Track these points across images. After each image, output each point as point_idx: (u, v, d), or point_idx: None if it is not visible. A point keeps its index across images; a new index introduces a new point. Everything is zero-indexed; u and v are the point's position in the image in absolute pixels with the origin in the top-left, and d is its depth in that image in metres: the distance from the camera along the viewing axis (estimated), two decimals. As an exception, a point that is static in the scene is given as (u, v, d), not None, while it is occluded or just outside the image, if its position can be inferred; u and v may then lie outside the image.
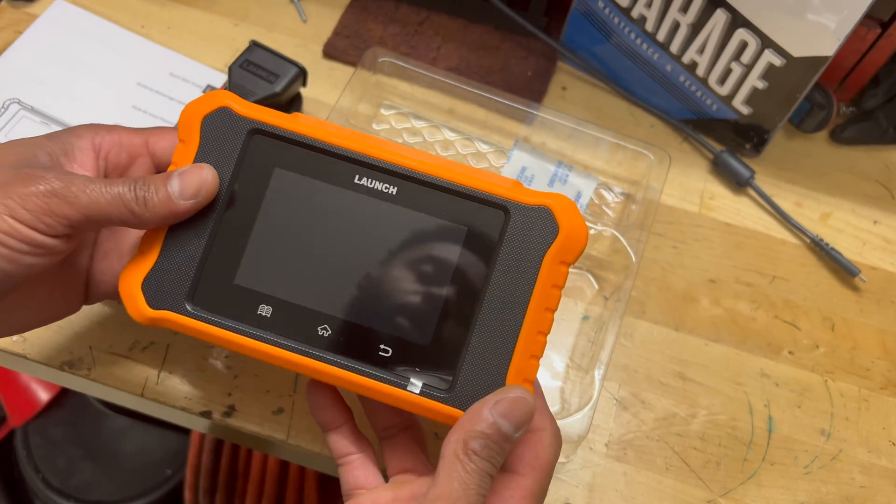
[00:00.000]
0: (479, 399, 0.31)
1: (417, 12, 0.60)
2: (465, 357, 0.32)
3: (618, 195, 0.53)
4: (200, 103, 0.34)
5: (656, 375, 0.47)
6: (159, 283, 0.33)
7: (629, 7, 0.54)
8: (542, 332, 0.33)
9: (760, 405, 0.47)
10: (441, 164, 0.34)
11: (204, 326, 0.33)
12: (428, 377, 0.33)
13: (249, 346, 0.33)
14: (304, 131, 0.34)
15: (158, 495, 0.92)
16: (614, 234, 0.48)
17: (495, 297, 0.33)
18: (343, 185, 0.34)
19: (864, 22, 0.51)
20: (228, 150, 0.34)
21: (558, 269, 0.33)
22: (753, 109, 0.53)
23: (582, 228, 0.33)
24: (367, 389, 0.33)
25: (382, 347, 0.33)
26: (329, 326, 0.33)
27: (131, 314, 0.33)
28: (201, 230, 0.34)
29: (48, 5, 0.57)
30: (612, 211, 0.53)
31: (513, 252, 0.33)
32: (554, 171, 0.52)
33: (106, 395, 0.47)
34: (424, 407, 0.32)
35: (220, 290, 0.33)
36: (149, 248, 0.34)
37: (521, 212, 0.33)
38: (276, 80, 0.50)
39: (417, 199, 0.34)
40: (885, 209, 0.56)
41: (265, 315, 0.33)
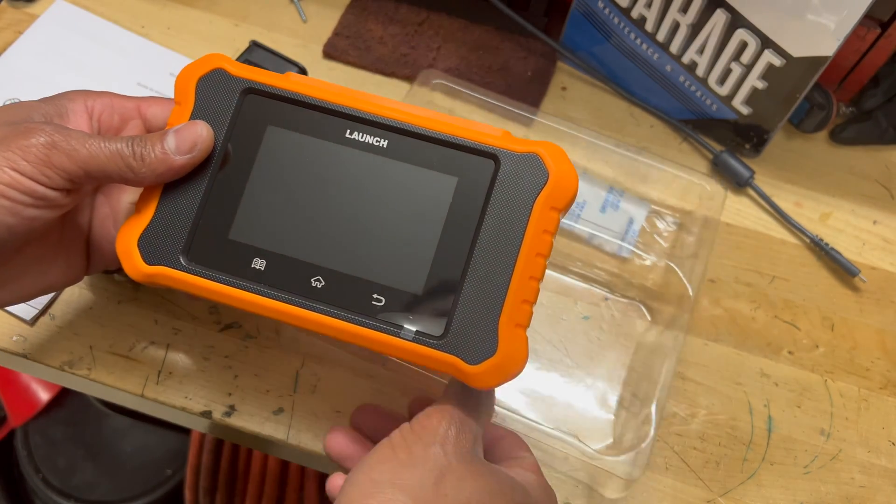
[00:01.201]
0: (472, 341, 0.32)
1: (417, 12, 0.60)
2: (457, 303, 0.33)
3: (670, 224, 0.52)
4: (195, 66, 0.35)
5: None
6: (155, 240, 0.34)
7: (629, 7, 0.54)
8: (534, 277, 0.33)
9: (760, 405, 0.47)
10: (431, 115, 0.34)
11: (199, 280, 0.34)
12: (421, 324, 0.33)
13: (244, 298, 0.33)
14: (296, 88, 0.35)
15: (158, 495, 0.92)
16: (668, 265, 0.48)
17: (486, 243, 0.33)
18: (334, 140, 0.34)
19: (864, 22, 0.51)
20: (223, 109, 0.35)
21: (549, 215, 0.33)
22: (753, 109, 0.53)
23: (571, 173, 0.33)
24: (360, 338, 0.33)
25: (375, 297, 0.33)
26: (322, 278, 0.34)
27: (127, 271, 0.34)
28: (196, 187, 0.34)
29: (48, 5, 0.57)
30: (664, 241, 0.52)
31: (503, 199, 0.33)
32: (605, 197, 0.52)
33: (106, 395, 0.47)
34: (418, 353, 0.32)
35: (214, 245, 0.34)
36: (145, 207, 0.34)
37: (510, 160, 0.33)
38: None
39: (408, 151, 0.34)
40: (885, 209, 0.56)
41: (259, 268, 0.34)
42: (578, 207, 0.52)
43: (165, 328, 0.46)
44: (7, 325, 0.45)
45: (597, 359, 0.47)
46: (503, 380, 0.33)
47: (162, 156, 0.33)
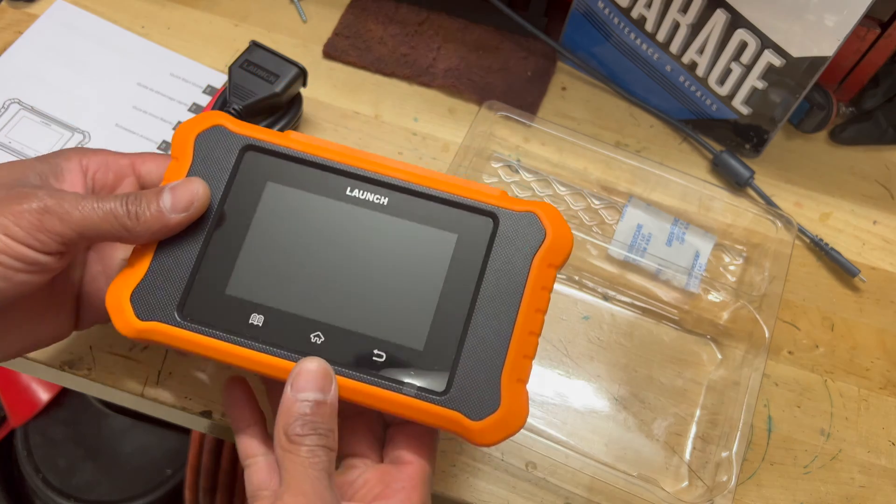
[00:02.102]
0: (474, 397, 0.32)
1: (417, 12, 0.60)
2: (459, 359, 0.33)
3: (736, 257, 0.52)
4: (194, 122, 0.35)
5: (656, 375, 0.47)
6: (149, 295, 0.33)
7: (629, 7, 0.54)
8: (533, 333, 0.33)
9: (760, 405, 0.47)
10: (430, 175, 0.35)
11: (195, 337, 0.33)
12: (423, 380, 0.33)
13: (242, 355, 0.33)
14: (296, 146, 0.35)
15: (158, 495, 0.92)
16: (742, 303, 0.47)
17: (487, 299, 0.33)
18: (335, 197, 0.35)
19: (864, 22, 0.51)
20: (221, 165, 0.35)
21: (547, 272, 0.34)
22: (753, 109, 0.53)
23: (567, 233, 0.34)
24: (362, 395, 0.33)
25: (376, 353, 0.33)
26: (322, 333, 0.33)
27: (118, 327, 0.33)
28: (193, 242, 0.34)
29: (48, 5, 0.57)
30: (731, 274, 0.51)
31: (502, 256, 0.34)
32: (671, 230, 0.51)
33: (106, 395, 0.47)
34: (420, 409, 0.32)
35: (211, 300, 0.33)
36: (138, 261, 0.33)
37: (508, 218, 0.34)
38: (277, 80, 0.49)
39: (408, 209, 0.35)
40: (885, 209, 0.56)
41: (257, 324, 0.33)
42: (644, 241, 0.51)
43: (165, 328, 0.46)
44: (7, 325, 0.45)
45: (666, 397, 0.47)
46: (505, 436, 0.33)
47: (157, 214, 0.33)
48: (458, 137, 0.55)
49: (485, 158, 0.54)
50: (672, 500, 0.41)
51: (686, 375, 0.48)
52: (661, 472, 0.44)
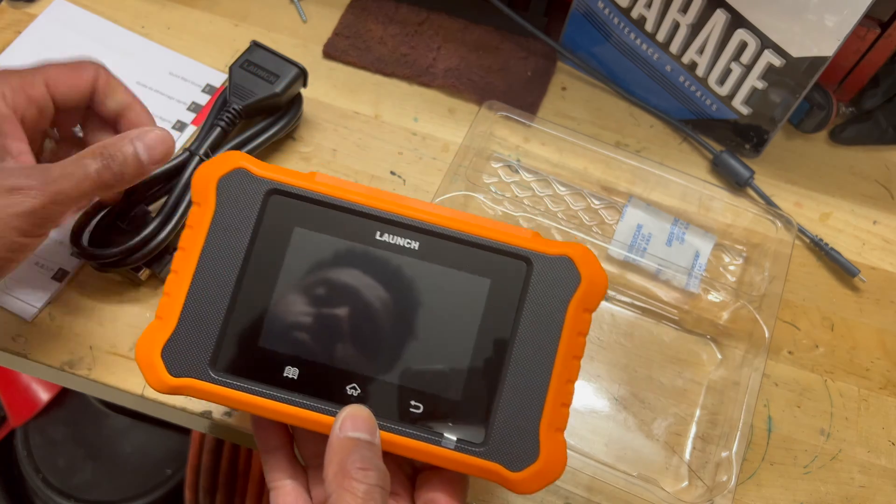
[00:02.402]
0: (514, 447, 0.32)
1: (417, 12, 0.60)
2: (497, 409, 0.32)
3: (736, 257, 0.52)
4: (214, 165, 0.34)
5: (656, 375, 0.47)
6: (180, 350, 0.32)
7: (629, 7, 0.54)
8: (570, 380, 0.33)
9: (760, 405, 0.47)
10: (461, 217, 0.34)
11: (230, 392, 0.32)
12: (461, 431, 0.32)
13: (278, 410, 0.32)
14: (323, 190, 0.34)
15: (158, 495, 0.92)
16: (742, 304, 0.47)
17: (523, 347, 0.33)
18: (365, 242, 0.34)
19: (864, 22, 0.51)
20: (246, 211, 0.33)
21: (582, 317, 0.33)
22: (753, 109, 0.53)
23: (602, 276, 0.33)
24: (400, 447, 0.32)
25: (413, 403, 0.33)
26: (358, 385, 0.33)
27: (151, 384, 0.33)
28: (222, 293, 0.33)
29: (48, 5, 0.57)
30: (731, 275, 0.51)
31: (537, 302, 0.33)
32: (670, 230, 0.51)
33: (106, 395, 0.47)
34: (460, 462, 0.32)
35: (244, 353, 0.33)
36: (167, 314, 0.33)
37: (542, 262, 0.33)
38: (277, 80, 0.49)
39: (440, 253, 0.34)
40: (885, 209, 0.56)
41: (292, 377, 0.33)
42: (644, 241, 0.51)
43: (165, 328, 0.46)
44: (7, 325, 0.45)
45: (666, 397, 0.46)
46: (545, 485, 0.32)
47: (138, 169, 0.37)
48: (458, 137, 0.55)
49: (485, 158, 0.54)
50: (672, 500, 0.41)
51: (686, 375, 0.47)
52: (661, 472, 0.44)
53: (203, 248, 0.33)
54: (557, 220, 0.49)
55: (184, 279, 0.33)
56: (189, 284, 0.33)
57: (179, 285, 0.33)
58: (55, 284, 0.46)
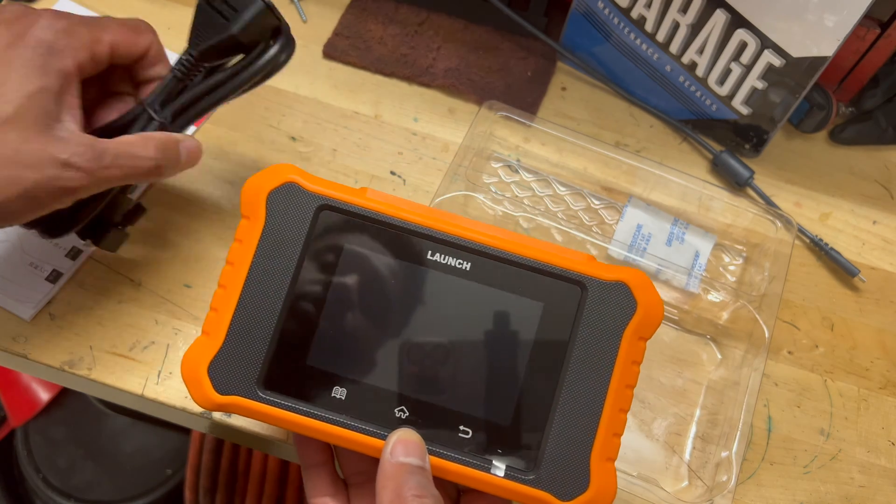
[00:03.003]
0: (564, 476, 0.31)
1: (417, 12, 0.60)
2: (547, 437, 0.32)
3: (735, 257, 0.52)
4: (265, 178, 0.33)
5: (656, 375, 0.47)
6: (227, 367, 0.32)
7: (629, 7, 0.54)
8: (623, 410, 0.32)
9: (760, 405, 0.47)
10: (514, 238, 0.33)
11: (276, 412, 0.32)
12: (511, 459, 0.32)
13: (325, 430, 0.32)
14: (374, 207, 0.33)
15: (158, 495, 0.92)
16: (742, 304, 0.47)
17: (575, 374, 0.32)
18: (416, 262, 0.33)
19: (864, 22, 0.51)
20: (297, 227, 0.33)
21: (637, 346, 0.33)
22: (753, 109, 0.53)
23: (659, 305, 0.33)
24: (449, 473, 0.32)
25: (462, 429, 0.32)
26: (406, 408, 0.32)
27: (197, 400, 0.32)
28: (270, 310, 0.33)
29: (49, 5, 0.57)
30: (731, 274, 0.51)
31: (591, 328, 0.32)
32: (670, 230, 0.51)
33: (106, 395, 0.47)
34: (509, 490, 0.32)
35: (291, 372, 0.32)
36: (214, 330, 0.32)
37: (598, 287, 0.33)
38: (235, 16, 0.40)
39: (492, 275, 0.33)
40: (885, 209, 0.56)
41: (340, 398, 0.32)
42: (644, 241, 0.51)
43: (165, 328, 0.46)
44: (7, 325, 0.45)
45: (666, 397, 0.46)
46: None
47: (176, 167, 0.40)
48: (458, 137, 0.55)
49: (485, 158, 0.54)
50: (672, 500, 0.41)
51: (686, 375, 0.48)
52: (661, 472, 0.44)
53: (252, 263, 0.33)
54: (557, 220, 0.49)
55: (232, 295, 0.33)
56: (237, 300, 0.32)
57: (227, 301, 0.33)
58: (48, 286, 0.46)
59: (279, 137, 0.54)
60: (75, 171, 0.35)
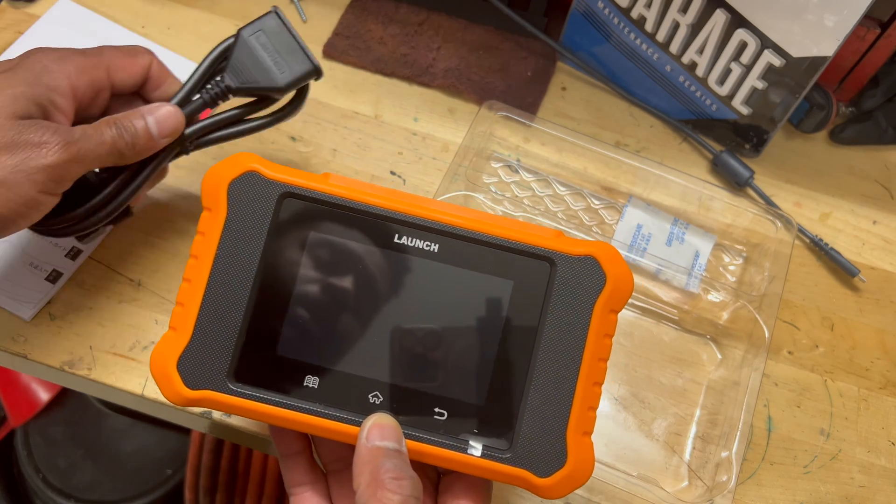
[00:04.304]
0: (541, 453, 0.31)
1: (417, 12, 0.60)
2: (523, 414, 0.32)
3: (735, 257, 0.52)
4: (224, 168, 0.33)
5: (656, 375, 0.47)
6: (196, 361, 0.32)
7: (629, 7, 0.54)
8: (597, 383, 0.32)
9: (760, 405, 0.47)
10: (481, 218, 0.33)
11: (248, 404, 0.32)
12: (487, 438, 0.32)
13: (299, 420, 0.32)
14: (338, 192, 0.33)
15: (158, 495, 0.92)
16: (742, 304, 0.47)
17: (548, 350, 0.32)
18: (383, 246, 0.33)
19: (864, 22, 0.51)
20: (260, 216, 0.33)
21: (608, 318, 0.33)
22: (753, 109, 0.53)
23: (628, 276, 0.33)
24: (426, 455, 0.32)
25: (437, 410, 0.32)
26: (380, 393, 0.32)
27: (167, 396, 0.32)
28: (237, 301, 0.32)
29: (49, 5, 0.57)
30: (731, 274, 0.51)
31: (562, 303, 0.32)
32: (670, 230, 0.51)
33: (106, 395, 0.47)
34: (487, 469, 0.32)
35: (262, 363, 0.32)
36: (180, 324, 0.32)
37: (566, 262, 0.32)
38: (284, 70, 0.42)
39: (460, 255, 0.33)
40: (885, 209, 0.56)
41: (312, 386, 0.32)
42: (644, 241, 0.51)
43: (165, 328, 0.46)
44: (7, 325, 0.45)
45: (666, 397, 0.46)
46: (573, 489, 0.32)
47: (149, 142, 0.39)
48: (458, 137, 0.55)
49: (485, 158, 0.54)
50: (672, 500, 0.41)
51: (686, 375, 0.48)
52: (661, 472, 0.44)
53: (216, 255, 0.32)
54: (557, 220, 0.49)
55: (197, 288, 0.32)
56: (203, 294, 0.32)
57: (193, 295, 0.32)
58: (48, 286, 0.46)
59: (279, 137, 0.54)
60: (48, 148, 0.36)
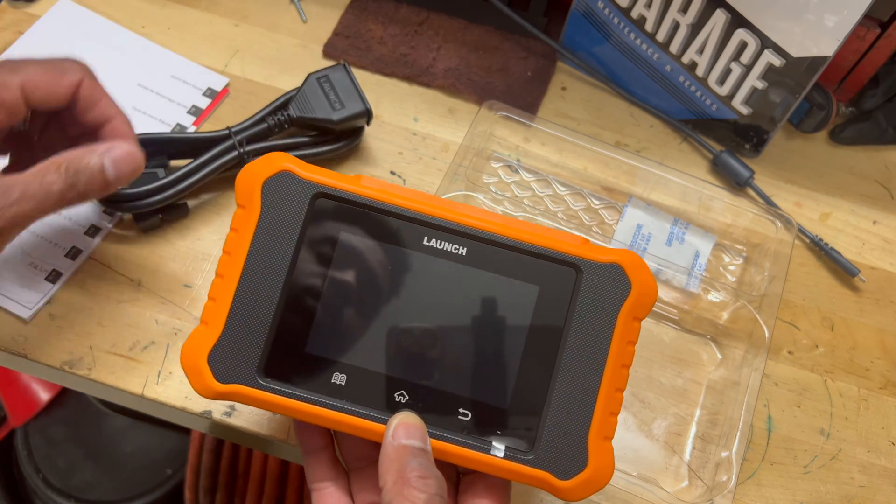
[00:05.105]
0: (562, 456, 0.32)
1: (417, 12, 0.60)
2: (546, 417, 0.32)
3: (735, 257, 0.52)
4: (260, 167, 0.33)
5: (656, 375, 0.47)
6: (226, 356, 0.32)
7: (629, 7, 0.54)
8: (619, 389, 0.33)
9: (760, 405, 0.47)
10: (509, 223, 0.34)
11: (277, 399, 0.32)
12: (510, 439, 0.32)
13: (326, 416, 0.32)
14: (369, 193, 0.33)
15: (158, 495, 0.93)
16: (742, 304, 0.47)
17: (572, 355, 0.33)
18: (412, 248, 0.33)
19: (864, 22, 0.51)
20: (292, 215, 0.33)
21: (632, 326, 0.33)
22: (753, 109, 0.53)
23: (652, 285, 0.33)
24: (449, 455, 0.32)
25: (461, 411, 0.33)
26: (406, 392, 0.33)
27: (197, 389, 0.32)
28: (268, 298, 0.33)
29: (49, 6, 0.57)
30: (731, 274, 0.51)
31: (586, 310, 0.33)
32: (670, 230, 0.51)
33: (106, 395, 0.47)
34: (509, 470, 0.32)
35: (291, 360, 0.33)
36: (212, 319, 0.33)
37: (592, 269, 0.33)
38: (339, 108, 0.49)
39: (487, 260, 0.33)
40: (885, 209, 0.56)
41: (340, 383, 0.33)
42: (644, 241, 0.51)
43: (165, 328, 0.46)
44: (7, 325, 0.45)
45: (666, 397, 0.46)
46: (593, 492, 0.32)
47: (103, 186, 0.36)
48: (458, 137, 0.55)
49: (485, 158, 0.54)
50: (672, 500, 0.41)
51: (686, 375, 0.48)
52: (661, 472, 0.44)
53: (249, 252, 0.33)
54: (557, 219, 0.49)
55: (229, 284, 0.33)
56: (235, 289, 0.33)
57: (225, 290, 0.33)
58: (48, 286, 0.46)
59: (279, 137, 0.54)
60: None
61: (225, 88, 0.55)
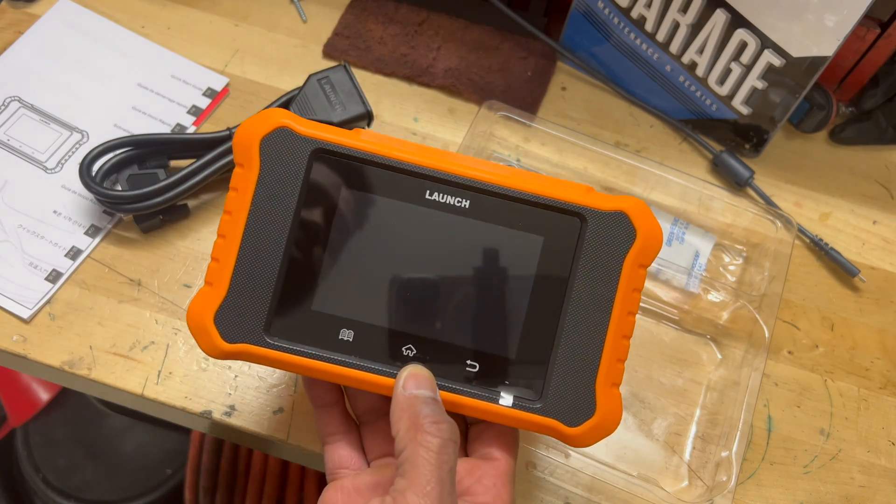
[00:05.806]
0: (570, 403, 0.32)
1: (417, 12, 0.60)
2: (553, 365, 0.32)
3: (735, 257, 0.52)
4: (256, 123, 0.33)
5: (656, 375, 0.47)
6: (233, 316, 0.32)
7: (629, 7, 0.54)
8: (626, 336, 0.33)
9: (760, 405, 0.47)
10: (511, 173, 0.33)
11: (285, 356, 0.32)
12: (518, 389, 0.33)
13: (335, 372, 0.32)
14: (369, 148, 0.33)
15: (158, 495, 0.93)
16: (742, 304, 0.47)
17: (578, 303, 0.33)
18: (414, 202, 0.33)
19: (864, 22, 0.51)
20: (292, 171, 0.33)
21: (637, 273, 0.33)
22: (753, 109, 0.53)
23: (658, 231, 0.33)
24: (458, 406, 0.32)
25: (469, 363, 0.33)
26: (414, 346, 0.33)
27: (204, 349, 0.32)
28: (272, 257, 0.32)
29: (49, 5, 0.57)
30: (731, 274, 0.51)
31: (592, 258, 0.33)
32: (670, 230, 0.51)
33: (106, 395, 0.47)
34: (518, 419, 0.32)
35: (297, 317, 0.33)
36: (216, 279, 0.32)
37: (597, 218, 0.33)
38: (339, 109, 0.49)
39: (491, 211, 0.33)
40: (885, 209, 0.56)
41: (347, 339, 0.33)
42: None
43: (165, 328, 0.46)
44: (7, 325, 0.45)
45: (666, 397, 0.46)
46: (601, 438, 0.33)
47: None
48: (458, 137, 0.55)
49: (485, 158, 0.54)
50: (672, 500, 0.41)
51: (686, 375, 0.48)
52: (661, 472, 0.44)
53: (250, 211, 0.32)
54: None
55: (232, 244, 0.32)
56: (237, 249, 0.32)
57: (228, 250, 0.32)
58: (48, 286, 0.46)
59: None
60: None
61: (225, 88, 0.55)
